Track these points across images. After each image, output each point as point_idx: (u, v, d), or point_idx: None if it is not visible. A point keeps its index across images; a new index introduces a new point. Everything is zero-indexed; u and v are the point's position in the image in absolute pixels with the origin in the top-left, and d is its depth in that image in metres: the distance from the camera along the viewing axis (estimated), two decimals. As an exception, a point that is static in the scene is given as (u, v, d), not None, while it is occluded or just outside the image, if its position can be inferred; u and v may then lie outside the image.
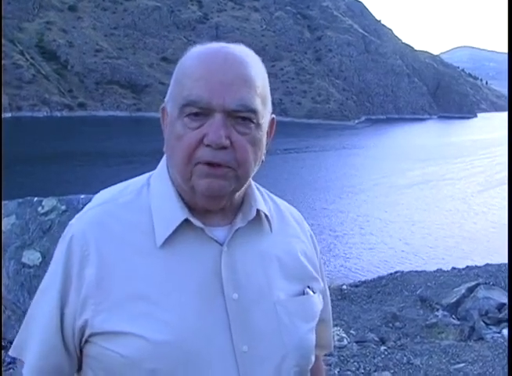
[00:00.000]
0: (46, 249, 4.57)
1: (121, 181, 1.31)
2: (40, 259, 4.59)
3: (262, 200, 1.29)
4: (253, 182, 1.28)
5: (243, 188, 1.21)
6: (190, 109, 1.12)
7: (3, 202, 5.00)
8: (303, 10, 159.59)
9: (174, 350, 1.11)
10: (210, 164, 1.11)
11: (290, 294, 1.25)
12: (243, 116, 1.12)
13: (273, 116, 1.25)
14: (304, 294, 1.28)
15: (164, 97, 1.23)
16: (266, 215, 1.26)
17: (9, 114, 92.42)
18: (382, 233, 33.15)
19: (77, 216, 1.24)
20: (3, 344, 4.53)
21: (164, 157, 1.25)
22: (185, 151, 1.12)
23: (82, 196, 4.86)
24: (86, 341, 1.18)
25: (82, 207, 1.28)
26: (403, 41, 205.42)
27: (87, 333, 1.16)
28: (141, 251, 1.17)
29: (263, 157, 1.22)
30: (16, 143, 57.17)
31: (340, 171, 56.96)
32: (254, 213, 1.23)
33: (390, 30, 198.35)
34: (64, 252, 1.18)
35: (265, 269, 1.23)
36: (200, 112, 1.11)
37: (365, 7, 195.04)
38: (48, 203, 4.81)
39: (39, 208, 4.79)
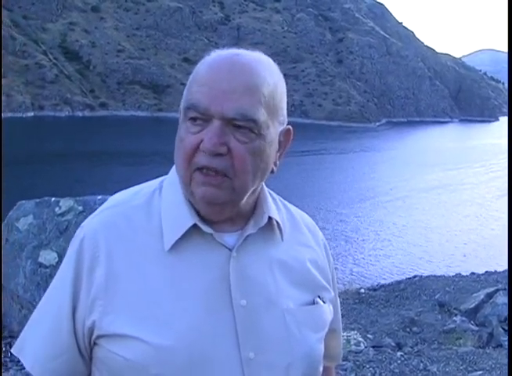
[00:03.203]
0: (63, 249, 4.58)
1: (139, 181, 1.31)
2: (56, 259, 4.61)
3: (275, 207, 1.28)
4: (266, 189, 1.27)
5: (245, 199, 1.18)
6: (191, 112, 1.12)
7: (20, 202, 5.05)
8: (324, 12, 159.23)
9: (178, 356, 1.10)
10: (206, 169, 1.10)
11: (299, 303, 1.23)
12: (241, 125, 1.10)
13: (289, 127, 1.22)
14: (313, 303, 1.26)
15: None
16: (278, 223, 1.25)
17: (31, 113, 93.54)
18: (398, 239, 32.98)
19: (89, 217, 1.24)
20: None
21: None
22: (184, 155, 1.13)
23: (99, 197, 4.88)
24: (94, 344, 1.17)
25: (100, 209, 1.27)
26: (425, 43, 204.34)
27: (94, 334, 1.15)
28: (149, 254, 1.16)
29: (274, 169, 1.20)
30: (37, 142, 57.80)
31: (358, 175, 56.72)
32: (265, 220, 1.22)
33: (411, 32, 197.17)
34: (75, 253, 1.19)
35: (275, 276, 1.22)
36: (198, 117, 1.11)
37: (386, 9, 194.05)
38: (66, 203, 4.84)
39: (56, 209, 4.81)
